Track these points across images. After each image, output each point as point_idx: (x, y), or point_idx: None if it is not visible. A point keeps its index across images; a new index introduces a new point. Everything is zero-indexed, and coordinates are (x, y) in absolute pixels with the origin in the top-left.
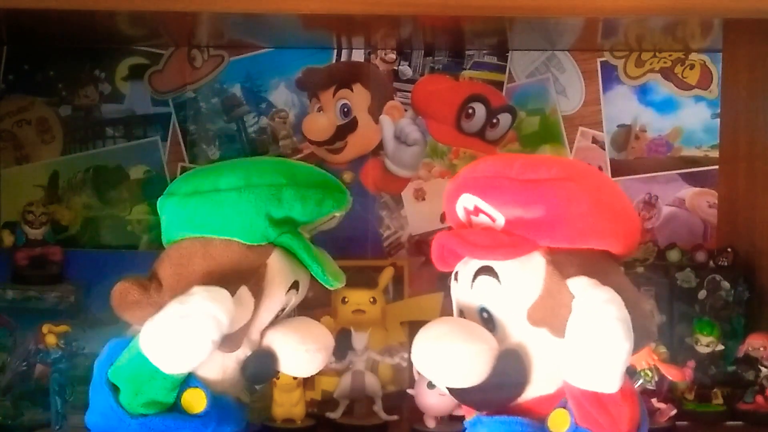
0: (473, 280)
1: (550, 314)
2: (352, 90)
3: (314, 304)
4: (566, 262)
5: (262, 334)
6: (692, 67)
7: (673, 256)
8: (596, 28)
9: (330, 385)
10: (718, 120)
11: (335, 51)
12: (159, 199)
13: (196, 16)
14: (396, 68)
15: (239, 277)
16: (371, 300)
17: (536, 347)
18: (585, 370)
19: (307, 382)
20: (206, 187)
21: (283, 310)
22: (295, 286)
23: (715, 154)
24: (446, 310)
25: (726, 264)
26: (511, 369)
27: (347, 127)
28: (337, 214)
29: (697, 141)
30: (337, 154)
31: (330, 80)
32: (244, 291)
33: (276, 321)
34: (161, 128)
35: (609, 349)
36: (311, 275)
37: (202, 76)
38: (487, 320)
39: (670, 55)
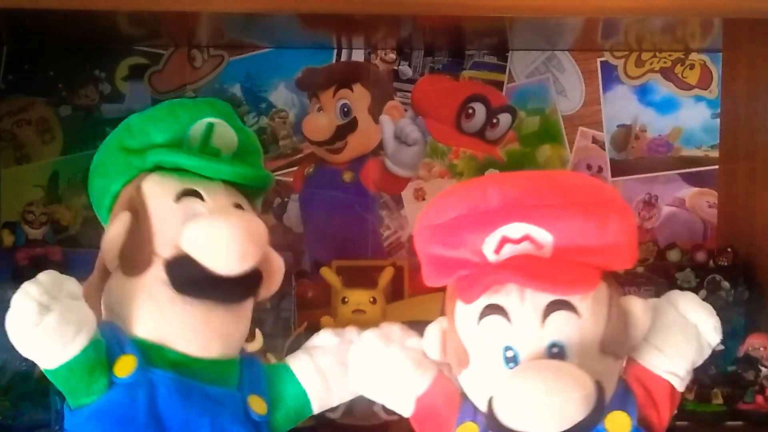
0: (544, 317)
1: (614, 339)
2: (352, 90)
3: (314, 304)
4: (614, 282)
5: None
6: (692, 67)
7: (673, 256)
8: (596, 28)
9: None
10: (718, 120)
11: (335, 51)
12: None
13: (196, 16)
14: (396, 68)
15: (123, 208)
16: (371, 300)
17: (604, 375)
18: (680, 360)
19: None
20: (92, 164)
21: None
22: (190, 193)
23: (715, 154)
24: None
25: (726, 264)
26: (599, 402)
27: (347, 127)
28: (215, 120)
29: (697, 141)
30: (337, 154)
31: (330, 80)
32: (123, 213)
33: None
34: None
35: (704, 350)
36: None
37: (202, 76)
38: (556, 355)
39: (670, 55)
